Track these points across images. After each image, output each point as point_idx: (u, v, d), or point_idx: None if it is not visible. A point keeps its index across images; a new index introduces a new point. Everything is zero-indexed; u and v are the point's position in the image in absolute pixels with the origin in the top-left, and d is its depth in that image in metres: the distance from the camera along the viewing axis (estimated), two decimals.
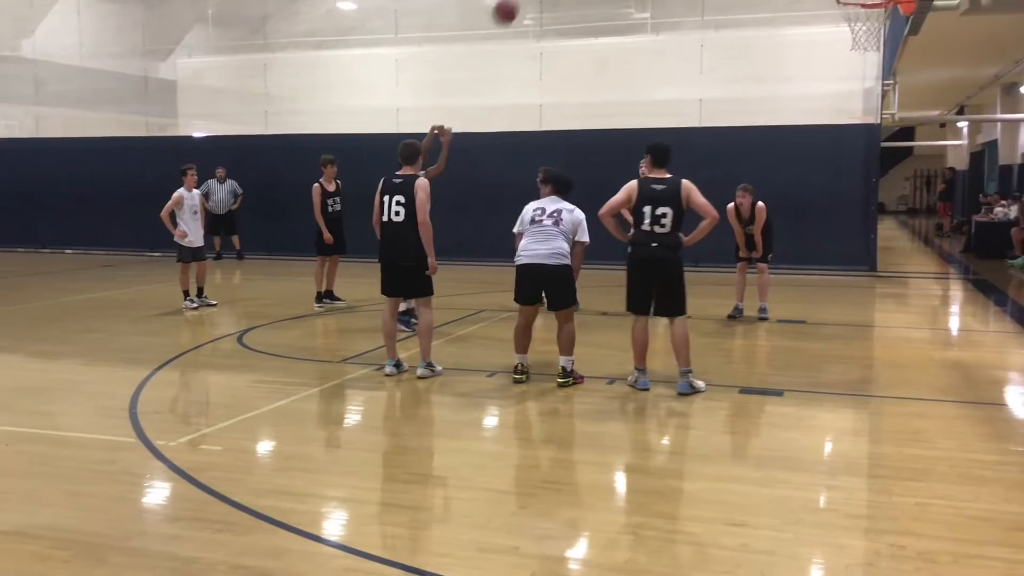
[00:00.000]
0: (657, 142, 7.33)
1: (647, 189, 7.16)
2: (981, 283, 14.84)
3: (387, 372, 7.83)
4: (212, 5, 20.82)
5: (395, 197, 7.61)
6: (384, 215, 7.67)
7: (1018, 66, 19.81)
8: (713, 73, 16.67)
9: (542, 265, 7.33)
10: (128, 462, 5.57)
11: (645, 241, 7.17)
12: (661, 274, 7.20)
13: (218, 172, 18.29)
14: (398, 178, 7.70)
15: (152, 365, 8.30)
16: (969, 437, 6.06)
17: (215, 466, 5.47)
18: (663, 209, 7.06)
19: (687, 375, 7.17)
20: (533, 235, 7.41)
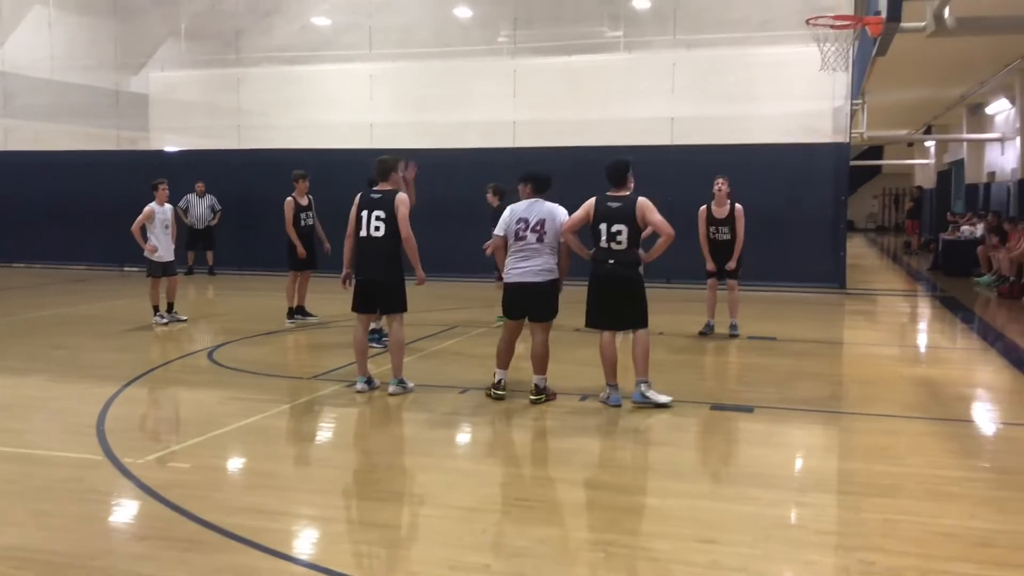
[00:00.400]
0: (612, 161, 7.39)
1: (603, 207, 7.23)
2: (948, 300, 15.03)
3: (358, 389, 7.79)
4: (185, 19, 20.74)
5: (375, 212, 7.57)
6: (362, 230, 7.62)
7: (983, 87, 20.19)
8: (685, 92, 16.83)
9: (531, 283, 7.35)
10: (95, 480, 5.50)
11: (603, 258, 7.25)
12: (619, 291, 7.27)
13: (197, 186, 18.22)
14: (377, 193, 7.67)
15: (121, 381, 8.21)
16: (937, 453, 6.13)
17: (184, 484, 5.42)
18: (618, 227, 7.13)
19: (641, 385, 7.24)
20: (518, 253, 7.39)
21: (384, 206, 7.56)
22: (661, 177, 14.66)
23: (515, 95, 17.94)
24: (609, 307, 7.31)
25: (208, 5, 20.70)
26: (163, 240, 11.73)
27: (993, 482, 5.53)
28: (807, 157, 16.24)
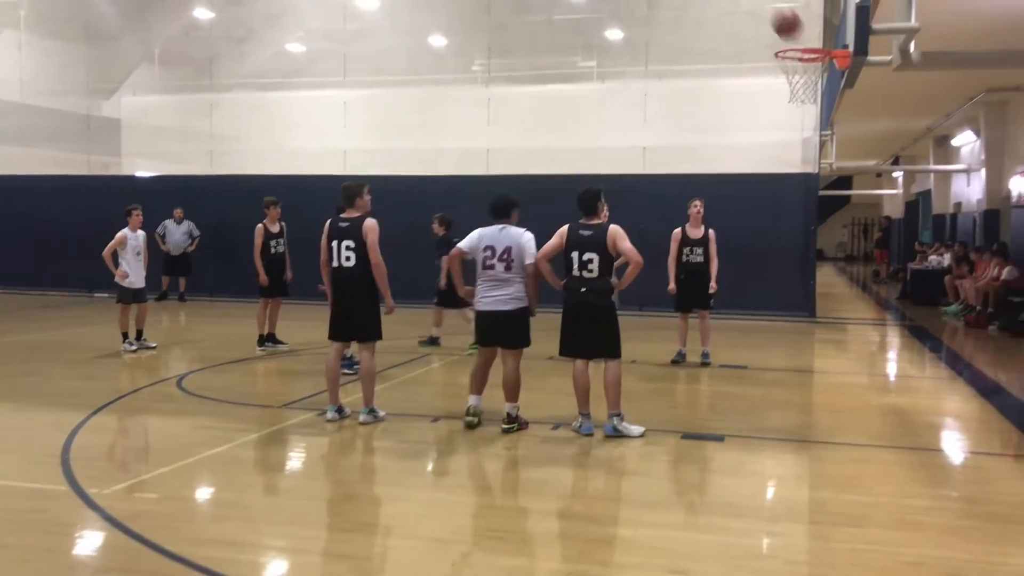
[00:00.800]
0: (584, 189, 7.44)
1: (575, 235, 7.28)
2: (916, 329, 15.20)
3: (329, 418, 7.74)
4: (159, 44, 20.70)
5: (344, 242, 7.55)
6: (334, 260, 7.61)
7: (949, 119, 20.56)
8: (657, 121, 16.99)
9: (501, 312, 7.36)
10: (59, 511, 5.41)
11: (575, 287, 7.28)
12: (590, 319, 7.28)
13: (176, 212, 18.11)
14: (345, 221, 7.63)
15: (87, 410, 8.10)
16: (905, 483, 6.17)
17: (150, 515, 5.34)
18: (589, 255, 7.17)
19: (613, 418, 7.22)
20: (487, 282, 7.40)
21: (353, 235, 7.53)
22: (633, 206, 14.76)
23: (489, 123, 18.03)
24: (581, 335, 7.33)
25: (182, 30, 20.69)
26: (134, 266, 11.63)
27: (961, 511, 5.58)
28: (777, 187, 16.42)
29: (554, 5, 18.49)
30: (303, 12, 20.21)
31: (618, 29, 18.77)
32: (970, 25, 11.53)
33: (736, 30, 17.16)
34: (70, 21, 20.61)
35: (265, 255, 11.54)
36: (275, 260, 11.63)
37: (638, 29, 17.75)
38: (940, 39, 10.35)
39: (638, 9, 17.57)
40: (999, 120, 18.75)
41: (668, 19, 17.58)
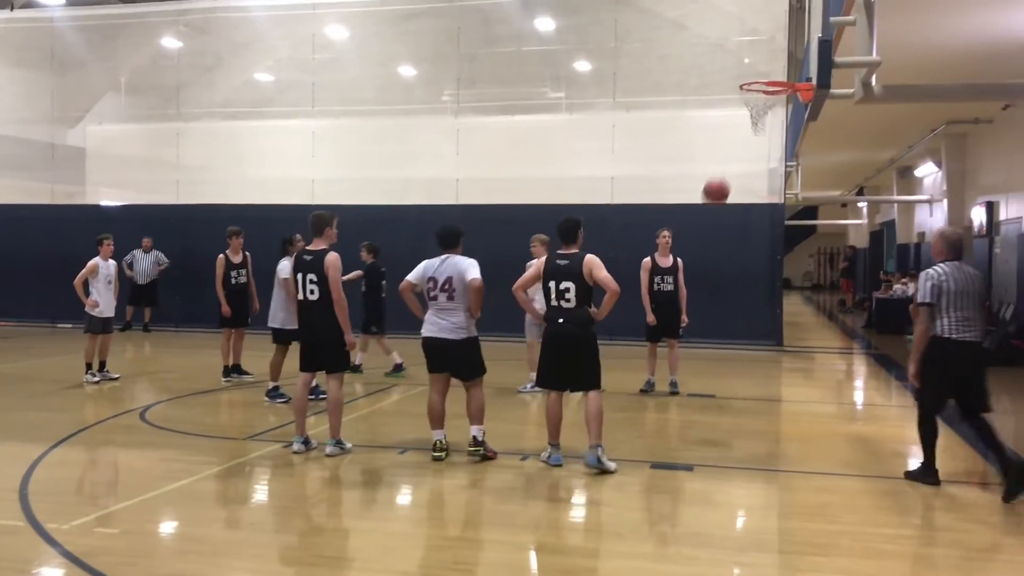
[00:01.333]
0: (564, 218, 7.45)
1: (552, 265, 7.28)
2: (882, 358, 15.34)
3: (295, 449, 7.64)
4: (125, 73, 20.61)
5: (308, 276, 7.55)
6: (299, 293, 7.60)
7: (911, 151, 20.92)
8: (625, 152, 17.13)
9: (446, 340, 7.39)
10: (16, 548, 5.28)
11: (553, 316, 7.26)
12: (569, 349, 7.23)
13: (144, 242, 17.93)
14: (309, 254, 7.63)
15: (47, 443, 7.94)
16: (871, 511, 6.19)
17: (111, 550, 5.23)
18: (566, 284, 7.16)
19: (596, 449, 7.16)
20: (435, 310, 7.45)
21: (315, 269, 7.51)
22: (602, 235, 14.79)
23: (458, 153, 18.08)
24: (559, 366, 7.27)
25: (149, 59, 20.63)
26: (105, 296, 11.50)
27: (927, 539, 5.61)
28: (744, 217, 16.58)
29: (523, 37, 18.67)
30: (272, 42, 20.24)
31: (586, 61, 18.98)
32: (930, 59, 11.77)
33: (702, 63, 17.42)
34: (36, 49, 20.48)
35: (226, 285, 11.46)
36: (236, 290, 11.55)
37: (606, 61, 17.93)
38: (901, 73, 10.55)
39: (606, 41, 17.76)
40: (959, 151, 19.10)
41: (635, 51, 17.79)
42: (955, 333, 6.79)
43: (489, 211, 17.09)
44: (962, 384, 6.95)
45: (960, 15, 10.08)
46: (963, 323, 6.80)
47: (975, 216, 17.77)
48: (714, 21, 17.51)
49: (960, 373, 6.94)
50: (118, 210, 19.76)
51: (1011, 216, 15.87)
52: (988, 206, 16.93)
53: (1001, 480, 6.65)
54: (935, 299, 6.81)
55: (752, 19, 16.97)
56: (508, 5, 18.51)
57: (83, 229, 19.10)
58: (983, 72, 12.14)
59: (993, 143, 17.27)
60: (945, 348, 6.81)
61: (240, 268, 11.60)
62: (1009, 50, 11.14)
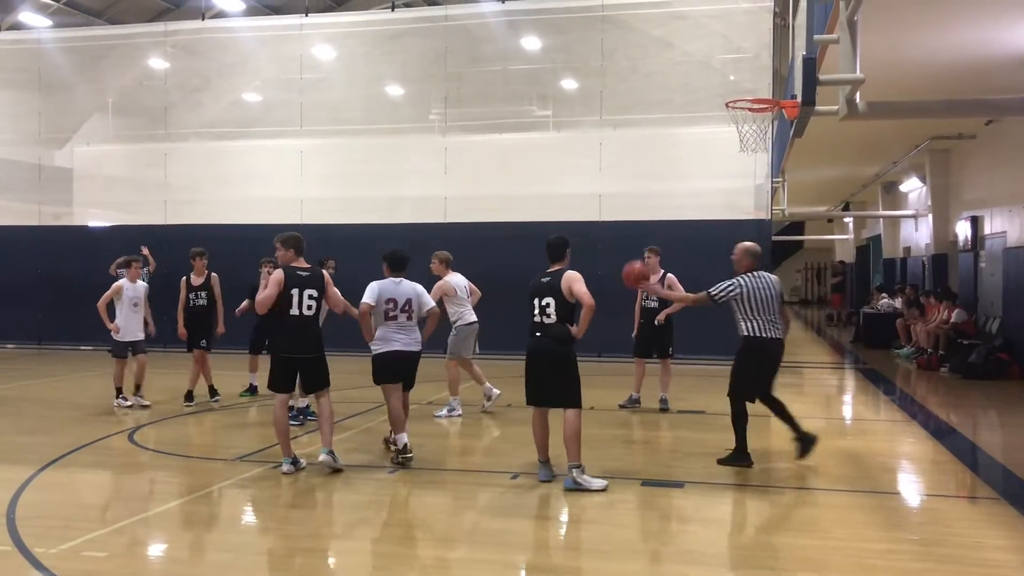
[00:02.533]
0: (553, 237, 7.48)
1: (536, 283, 7.31)
2: (870, 372, 15.40)
3: (284, 471, 7.60)
4: (113, 94, 20.59)
5: (306, 291, 7.60)
6: (294, 309, 7.56)
7: (896, 166, 21.08)
8: (612, 169, 17.19)
9: (415, 352, 8.06)
10: (3, 572, 5.23)
11: (532, 332, 7.27)
12: (546, 364, 7.20)
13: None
14: (304, 271, 7.70)
15: (35, 466, 7.89)
16: (861, 526, 6.20)
17: (98, 574, 5.21)
18: (547, 299, 7.16)
19: (573, 470, 7.10)
20: (395, 327, 7.94)
21: (315, 285, 7.66)
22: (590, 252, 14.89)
23: (446, 171, 18.11)
24: (536, 382, 7.26)
25: (136, 80, 20.60)
26: (132, 319, 11.17)
27: (917, 554, 5.62)
28: (731, 233, 16.52)
29: (509, 56, 18.74)
30: (259, 62, 20.26)
31: (573, 79, 19.06)
32: (913, 76, 11.89)
33: (688, 80, 17.53)
34: (23, 70, 20.46)
35: (185, 308, 11.33)
36: (196, 312, 11.36)
37: (592, 79, 18.03)
38: (885, 89, 10.64)
39: (592, 60, 17.86)
40: (943, 167, 19.26)
41: (622, 69, 17.88)
42: (766, 333, 7.99)
43: (477, 229, 17.13)
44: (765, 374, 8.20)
45: (943, 32, 10.19)
46: (770, 324, 8.04)
47: (960, 231, 17.90)
48: (700, 39, 17.62)
49: (772, 366, 8.23)
50: (106, 231, 19.71)
51: (995, 230, 15.99)
52: (973, 221, 17.06)
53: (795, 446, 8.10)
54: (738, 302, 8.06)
55: (737, 37, 17.09)
56: (494, 24, 18.60)
57: (71, 250, 19.16)
58: (966, 88, 12.25)
59: (977, 158, 17.43)
60: (761, 346, 7.99)
61: (200, 290, 11.39)
62: (991, 66, 11.26)
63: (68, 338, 18.84)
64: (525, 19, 18.66)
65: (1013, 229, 14.86)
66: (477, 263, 17.49)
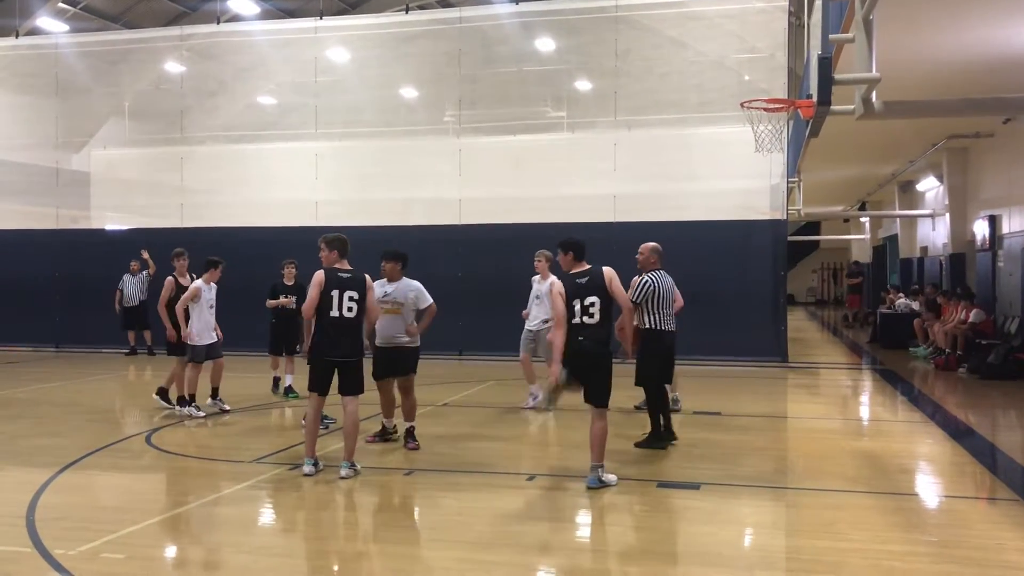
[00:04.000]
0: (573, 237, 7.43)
1: (572, 283, 7.19)
2: (887, 373, 15.31)
3: (306, 472, 7.57)
4: (129, 98, 20.72)
5: (347, 292, 7.50)
6: (334, 311, 7.48)
7: (912, 165, 20.96)
8: (626, 170, 17.16)
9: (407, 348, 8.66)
10: (22, 574, 5.27)
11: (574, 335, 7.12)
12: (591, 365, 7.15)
13: (132, 265, 17.98)
14: (345, 273, 7.59)
15: (54, 468, 7.94)
16: (880, 527, 6.17)
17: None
18: (591, 299, 7.10)
19: (598, 469, 7.13)
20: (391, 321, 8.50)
21: (356, 287, 7.55)
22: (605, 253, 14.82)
23: (461, 173, 18.13)
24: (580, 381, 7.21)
25: (152, 84, 20.74)
26: (209, 321, 10.78)
27: (936, 556, 5.58)
28: (746, 233, 16.61)
29: (523, 57, 18.75)
30: (274, 65, 20.36)
31: (587, 80, 19.05)
32: (930, 75, 11.82)
33: (703, 80, 17.49)
34: (40, 75, 20.61)
35: (170, 309, 10.83)
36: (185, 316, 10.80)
37: (606, 80, 18.00)
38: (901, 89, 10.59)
39: (606, 61, 17.84)
40: (961, 166, 19.13)
41: (636, 70, 17.86)
42: (663, 326, 8.76)
43: (492, 231, 17.15)
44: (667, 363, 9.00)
45: (959, 30, 10.13)
46: (667, 318, 8.80)
47: (978, 230, 17.78)
48: (714, 39, 17.58)
49: (669, 355, 8.96)
50: (123, 234, 19.84)
51: (1014, 230, 15.88)
52: (991, 220, 16.94)
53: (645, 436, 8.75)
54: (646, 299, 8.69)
55: (752, 37, 17.04)
56: (508, 26, 18.61)
57: (88, 254, 19.29)
58: (983, 86, 12.18)
59: (994, 157, 17.31)
60: (660, 338, 8.74)
61: None
62: (1008, 64, 11.18)
63: (85, 341, 18.97)
64: (539, 20, 18.66)
65: None
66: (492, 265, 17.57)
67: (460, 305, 15.90)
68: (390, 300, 8.49)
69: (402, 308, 8.55)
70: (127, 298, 17.91)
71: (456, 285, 16.47)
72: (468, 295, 16.55)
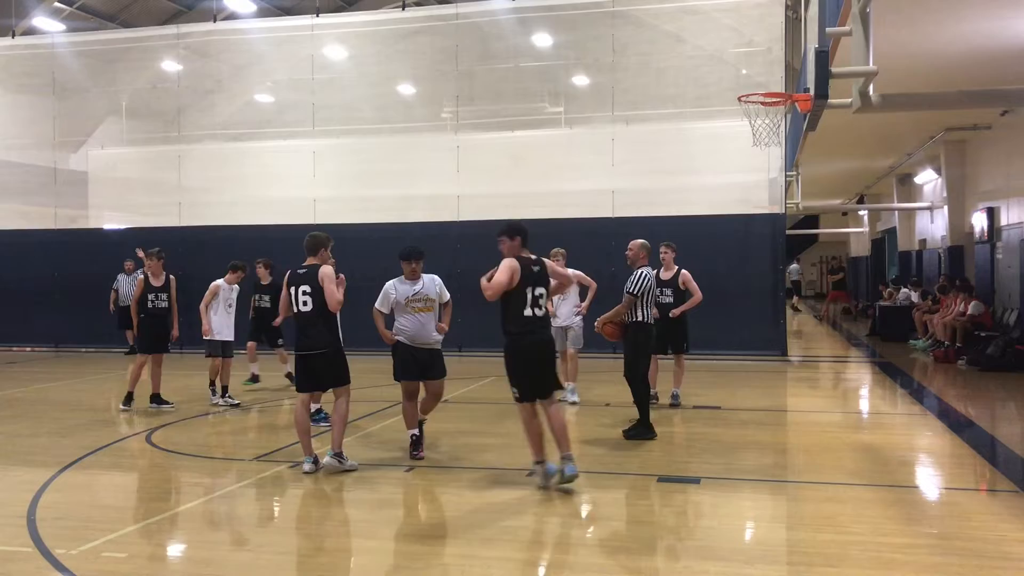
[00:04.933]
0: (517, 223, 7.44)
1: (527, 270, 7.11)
2: (887, 366, 15.32)
3: (306, 470, 7.60)
4: (126, 97, 20.71)
5: (301, 287, 7.63)
6: (294, 306, 7.68)
7: (910, 158, 20.96)
8: (624, 165, 17.16)
9: None
10: (24, 574, 5.28)
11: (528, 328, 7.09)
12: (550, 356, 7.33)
13: (126, 264, 17.99)
14: (302, 268, 7.74)
15: (55, 467, 7.95)
16: (880, 520, 6.18)
17: (119, 574, 5.23)
18: (539, 290, 7.11)
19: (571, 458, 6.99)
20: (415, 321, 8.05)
21: (308, 281, 7.62)
22: (603, 248, 14.89)
23: (458, 169, 18.13)
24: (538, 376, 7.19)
25: (149, 83, 20.71)
26: (225, 319, 11.56)
27: (936, 548, 5.59)
28: (745, 227, 16.62)
29: (520, 53, 18.73)
30: (271, 63, 20.34)
31: (584, 75, 19.03)
32: (927, 67, 11.80)
33: (700, 75, 17.48)
34: (37, 75, 20.61)
35: (143, 309, 11.08)
36: (154, 314, 11.14)
37: (604, 75, 18.00)
38: (898, 81, 10.59)
39: (604, 56, 17.83)
40: (959, 158, 19.14)
41: (633, 65, 17.85)
42: (648, 318, 8.98)
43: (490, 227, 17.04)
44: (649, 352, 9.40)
45: (955, 23, 10.12)
46: (650, 310, 9.01)
47: (976, 222, 17.78)
48: (711, 33, 17.57)
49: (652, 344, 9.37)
50: (121, 233, 19.83)
51: (1012, 221, 15.88)
52: (989, 212, 16.95)
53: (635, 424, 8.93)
54: (643, 292, 8.86)
55: (749, 31, 17.03)
56: (505, 22, 18.60)
57: (86, 253, 19.28)
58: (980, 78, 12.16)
59: (992, 149, 17.31)
60: (648, 330, 9.03)
61: (160, 291, 11.17)
62: (1006, 56, 11.17)
63: (84, 341, 18.98)
64: (536, 16, 18.65)
65: None
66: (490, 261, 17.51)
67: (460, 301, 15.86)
68: (422, 298, 8.07)
69: (434, 305, 8.20)
70: (123, 297, 17.91)
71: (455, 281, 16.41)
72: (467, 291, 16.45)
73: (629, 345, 9.00)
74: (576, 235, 14.25)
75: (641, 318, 8.90)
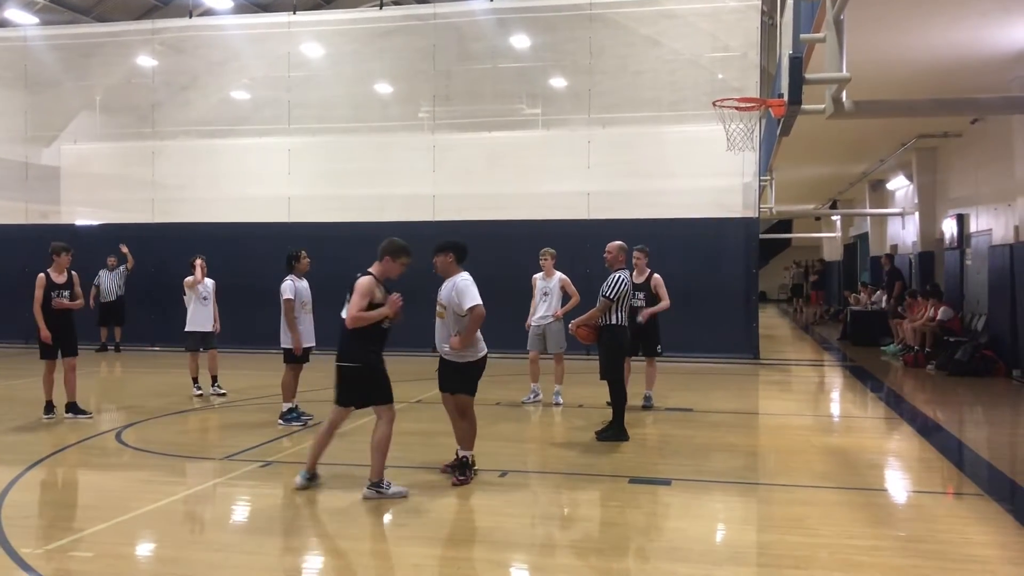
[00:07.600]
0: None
1: None
2: (857, 370, 15.47)
3: (297, 484, 7.11)
4: (100, 92, 20.51)
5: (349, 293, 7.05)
6: None
7: (883, 164, 21.18)
8: (600, 168, 17.22)
9: None
10: None
11: None
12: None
13: (109, 260, 17.85)
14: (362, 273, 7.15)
15: (21, 465, 7.86)
16: (848, 523, 6.24)
17: (85, 574, 5.19)
18: None
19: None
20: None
21: (350, 287, 7.02)
22: (578, 250, 14.91)
23: (435, 169, 18.12)
24: None
25: (124, 78, 20.50)
26: (201, 312, 11.99)
27: (903, 550, 5.65)
28: (719, 231, 16.72)
29: (498, 54, 18.74)
30: (247, 60, 20.20)
31: (561, 77, 19.07)
32: (899, 75, 11.95)
33: (676, 79, 17.56)
34: (9, 68, 20.38)
35: (47, 308, 10.29)
36: (58, 314, 10.36)
37: (581, 77, 18.04)
38: (871, 88, 10.71)
39: (581, 58, 17.88)
40: (930, 165, 19.36)
41: (610, 68, 17.90)
42: (622, 321, 9.04)
43: (466, 227, 17.11)
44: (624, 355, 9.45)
45: (928, 31, 10.25)
46: (624, 313, 9.06)
47: (946, 228, 17.99)
48: (688, 38, 17.65)
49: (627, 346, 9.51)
50: (93, 229, 19.64)
51: (981, 228, 16.08)
52: (959, 218, 17.16)
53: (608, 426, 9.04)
54: (620, 296, 8.92)
55: (725, 36, 17.14)
56: (483, 23, 18.60)
57: None
58: (952, 87, 12.33)
59: (963, 156, 17.52)
60: (622, 332, 9.10)
61: (63, 289, 10.39)
62: (976, 65, 11.33)
63: None
64: (514, 17, 18.68)
65: (998, 227, 14.95)
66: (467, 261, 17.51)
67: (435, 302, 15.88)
68: (440, 301, 7.38)
69: (445, 312, 7.33)
70: (104, 293, 17.78)
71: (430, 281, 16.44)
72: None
73: (604, 348, 9.10)
74: (551, 236, 14.23)
75: (616, 321, 9.01)
